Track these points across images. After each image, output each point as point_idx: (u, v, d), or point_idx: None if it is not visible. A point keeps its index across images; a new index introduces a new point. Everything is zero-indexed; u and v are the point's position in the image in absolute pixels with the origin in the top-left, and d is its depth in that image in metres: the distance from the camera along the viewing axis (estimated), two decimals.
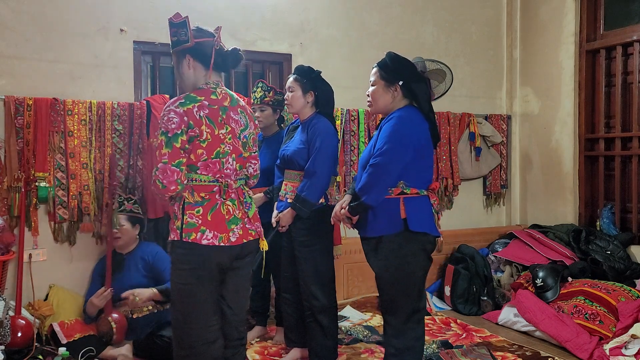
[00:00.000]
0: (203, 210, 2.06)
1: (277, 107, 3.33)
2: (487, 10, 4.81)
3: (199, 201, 2.06)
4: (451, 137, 4.53)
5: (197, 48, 2.10)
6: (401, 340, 2.39)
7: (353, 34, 4.27)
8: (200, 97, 2.06)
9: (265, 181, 3.19)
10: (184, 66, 2.13)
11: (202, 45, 2.11)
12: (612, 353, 2.91)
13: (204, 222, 2.04)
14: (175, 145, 1.99)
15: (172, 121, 1.99)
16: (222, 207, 2.09)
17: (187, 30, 2.08)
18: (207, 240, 2.04)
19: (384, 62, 2.44)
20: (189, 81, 2.15)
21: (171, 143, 1.98)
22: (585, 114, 4.36)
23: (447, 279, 4.11)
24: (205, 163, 2.06)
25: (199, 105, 2.04)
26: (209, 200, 2.07)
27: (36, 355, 2.94)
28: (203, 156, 2.05)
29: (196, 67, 2.13)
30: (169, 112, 2.00)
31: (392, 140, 2.31)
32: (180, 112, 2.00)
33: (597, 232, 4.06)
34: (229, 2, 3.81)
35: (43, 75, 3.33)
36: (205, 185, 2.07)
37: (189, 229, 2.03)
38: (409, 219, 2.32)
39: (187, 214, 2.04)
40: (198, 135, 2.02)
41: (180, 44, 2.11)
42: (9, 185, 3.19)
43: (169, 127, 1.99)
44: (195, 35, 2.10)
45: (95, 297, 3.07)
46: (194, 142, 2.03)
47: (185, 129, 2.00)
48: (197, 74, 2.14)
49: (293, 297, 3.01)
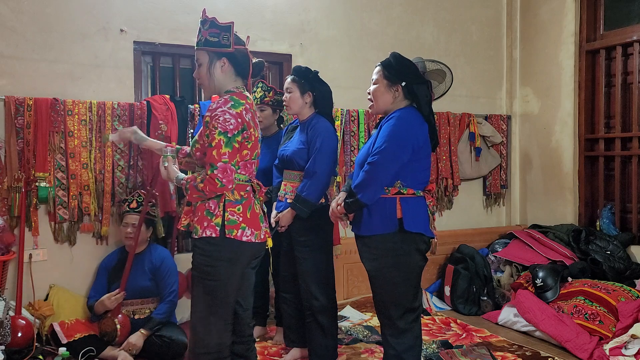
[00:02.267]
0: (243, 208, 2.15)
1: (276, 107, 3.33)
2: (487, 10, 4.81)
3: (238, 199, 2.15)
4: (451, 138, 4.53)
5: (235, 54, 2.20)
6: (400, 340, 2.40)
7: (353, 34, 4.27)
8: (243, 101, 2.15)
9: (265, 181, 3.18)
10: (217, 68, 2.20)
11: (239, 52, 2.21)
12: (612, 353, 2.91)
13: (244, 220, 2.14)
14: (234, 145, 2.08)
15: (230, 122, 2.07)
16: (255, 205, 2.21)
17: (229, 35, 2.17)
18: (246, 237, 2.13)
19: (388, 61, 2.45)
20: (217, 83, 2.22)
21: (231, 143, 2.07)
22: (585, 114, 4.36)
23: (447, 279, 4.11)
24: (245, 164, 2.16)
25: (245, 108, 2.14)
26: (247, 199, 2.18)
27: (36, 355, 2.94)
28: (247, 157, 2.16)
29: (228, 71, 2.21)
30: (224, 113, 2.07)
31: (391, 140, 2.31)
32: (234, 114, 2.09)
33: (597, 232, 4.07)
34: (229, 2, 3.82)
35: (43, 75, 3.33)
36: (242, 185, 2.17)
37: (231, 225, 2.11)
38: (405, 219, 2.33)
39: (229, 211, 2.12)
40: (248, 137, 2.12)
41: (221, 46, 2.17)
42: (9, 186, 3.19)
43: (228, 128, 2.06)
44: (236, 42, 2.20)
45: (108, 299, 3.06)
46: (243, 143, 2.12)
47: (241, 130, 2.09)
48: (226, 78, 2.22)
49: (293, 297, 3.02)
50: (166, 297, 3.13)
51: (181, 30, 3.63)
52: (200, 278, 2.15)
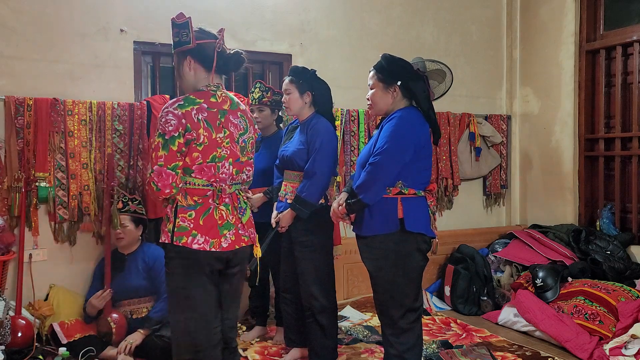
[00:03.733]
0: (195, 214, 2.02)
1: (275, 108, 3.32)
2: (487, 10, 4.81)
3: (191, 205, 2.03)
4: (451, 137, 4.53)
5: (198, 49, 2.07)
6: (401, 340, 2.40)
7: (353, 35, 4.27)
8: (200, 100, 2.04)
9: (265, 181, 3.19)
10: (185, 67, 2.10)
11: (204, 46, 2.07)
12: (612, 353, 2.91)
13: (195, 226, 2.02)
14: (172, 148, 1.96)
15: (170, 123, 1.96)
16: (215, 211, 2.06)
17: (189, 31, 2.05)
18: (197, 244, 2.01)
19: (380, 64, 2.45)
20: (189, 82, 2.12)
21: (168, 145, 1.95)
22: (585, 114, 4.36)
23: (447, 279, 4.11)
24: (200, 167, 2.03)
25: (197, 107, 2.01)
26: (202, 205, 2.04)
27: (36, 355, 2.94)
28: (198, 160, 2.02)
29: (197, 68, 2.10)
30: (167, 113, 1.98)
31: (392, 140, 2.31)
32: (178, 115, 1.97)
33: (597, 232, 4.07)
34: (229, 2, 3.82)
35: (43, 75, 3.33)
36: (198, 189, 2.04)
37: (180, 232, 2.00)
38: (406, 219, 2.33)
39: (180, 217, 2.01)
40: (195, 138, 1.99)
41: (182, 44, 2.07)
42: (9, 185, 3.19)
43: (167, 129, 1.96)
44: (197, 37, 2.07)
45: (95, 298, 3.08)
46: (191, 145, 2.00)
47: (183, 131, 1.97)
48: (197, 76, 2.11)
49: (293, 297, 3.02)
50: (162, 294, 3.11)
51: None
52: (167, 284, 2.11)
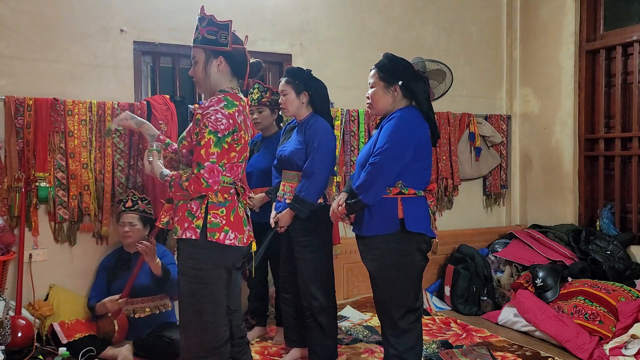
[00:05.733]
0: (226, 211, 2.10)
1: (275, 107, 3.32)
2: (487, 10, 4.81)
3: (222, 202, 2.10)
4: (451, 137, 4.53)
5: (232, 53, 2.15)
6: (401, 340, 2.40)
7: (353, 35, 4.27)
8: (236, 102, 2.11)
9: (266, 181, 3.19)
10: (214, 66, 2.15)
11: (236, 51, 2.17)
12: (612, 353, 2.91)
13: (227, 223, 2.09)
14: (224, 146, 2.03)
15: (222, 122, 2.02)
16: (239, 208, 2.16)
17: (227, 34, 2.12)
18: (229, 240, 2.09)
19: (382, 63, 2.44)
20: (212, 81, 2.17)
21: (220, 143, 2.02)
22: (585, 114, 4.36)
23: (447, 279, 4.11)
24: (231, 166, 2.10)
25: (237, 109, 2.10)
26: (231, 202, 2.13)
27: (36, 355, 2.94)
28: (234, 159, 2.10)
29: (224, 70, 2.16)
30: (216, 112, 2.03)
31: (392, 140, 2.31)
32: (227, 115, 2.04)
33: (597, 232, 4.06)
34: (229, 2, 3.81)
35: (43, 75, 3.33)
36: (226, 187, 2.12)
37: (213, 228, 2.06)
38: (406, 220, 2.33)
39: (211, 213, 2.07)
40: (238, 139, 2.08)
41: (218, 44, 2.13)
42: (9, 186, 3.19)
43: (219, 127, 2.02)
44: (234, 41, 2.15)
45: (110, 301, 3.04)
46: (232, 144, 2.07)
47: (232, 131, 2.05)
48: (222, 77, 2.17)
49: (292, 297, 3.02)
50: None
51: (181, 30, 3.62)
52: (186, 281, 2.11)
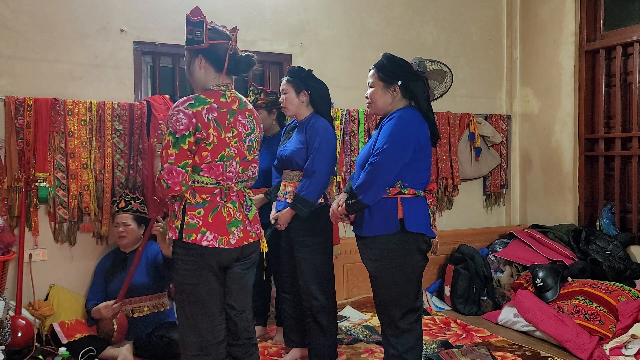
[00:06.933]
0: (204, 212, 2.06)
1: (272, 108, 3.32)
2: (487, 10, 4.81)
3: (200, 202, 2.06)
4: (451, 137, 4.53)
5: (210, 50, 2.09)
6: (401, 340, 2.40)
7: (353, 34, 4.27)
8: (210, 99, 2.06)
9: (266, 182, 3.19)
10: (196, 66, 2.13)
11: (216, 47, 2.10)
12: (612, 353, 2.91)
13: (204, 224, 2.04)
14: (182, 147, 1.98)
15: (181, 122, 1.98)
16: (223, 209, 2.09)
17: (202, 31, 2.07)
18: (207, 241, 2.04)
19: (381, 63, 2.44)
20: (199, 81, 2.15)
21: (179, 144, 1.98)
22: (585, 114, 4.36)
23: (447, 279, 4.11)
24: (209, 165, 2.06)
25: (208, 107, 2.04)
26: (210, 202, 2.07)
27: (36, 355, 2.94)
28: (207, 159, 2.05)
29: (207, 68, 2.12)
30: (178, 112, 2.00)
31: (392, 140, 2.31)
32: (189, 114, 1.99)
33: (597, 232, 4.06)
34: (228, 2, 3.82)
35: (43, 75, 3.33)
36: (206, 187, 2.07)
37: (189, 229, 2.03)
38: (406, 220, 2.32)
39: (188, 214, 2.04)
40: (205, 138, 2.02)
41: (195, 43, 2.09)
42: (9, 185, 3.19)
43: (177, 128, 1.98)
44: (211, 37, 2.09)
45: (104, 308, 3.04)
46: (200, 144, 2.02)
47: (193, 131, 2.00)
48: (207, 75, 2.13)
49: (293, 297, 3.02)
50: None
51: (181, 30, 3.54)
52: (175, 280, 2.13)
